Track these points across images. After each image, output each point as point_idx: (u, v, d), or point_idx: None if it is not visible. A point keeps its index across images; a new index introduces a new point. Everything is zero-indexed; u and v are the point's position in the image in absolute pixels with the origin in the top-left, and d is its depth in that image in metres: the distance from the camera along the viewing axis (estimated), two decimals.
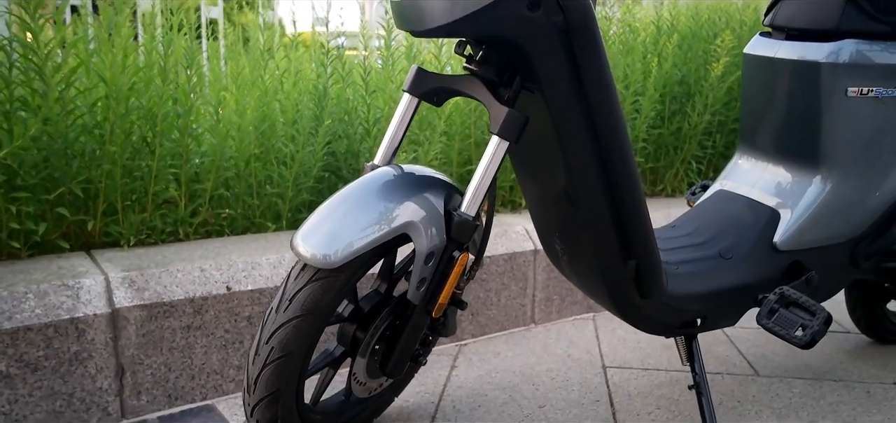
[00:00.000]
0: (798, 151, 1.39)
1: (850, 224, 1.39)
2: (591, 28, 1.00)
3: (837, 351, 1.77)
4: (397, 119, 1.18)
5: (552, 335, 1.89)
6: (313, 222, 1.04)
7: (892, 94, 1.33)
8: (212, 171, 1.78)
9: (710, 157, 2.66)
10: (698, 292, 1.31)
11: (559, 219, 1.27)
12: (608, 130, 1.08)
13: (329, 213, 1.05)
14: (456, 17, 0.99)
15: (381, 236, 1.03)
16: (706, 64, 2.54)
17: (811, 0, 1.37)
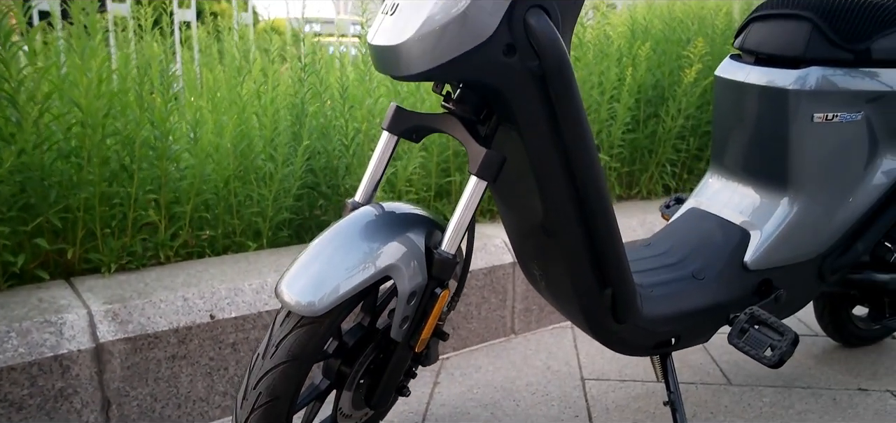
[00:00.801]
0: (767, 172, 1.44)
1: (817, 242, 1.44)
2: (566, 73, 1.02)
3: (806, 356, 1.83)
4: (377, 156, 1.20)
5: (532, 346, 1.93)
6: (297, 267, 1.06)
7: (855, 118, 1.37)
8: (191, 193, 1.78)
9: (684, 159, 2.71)
10: (672, 314, 1.35)
11: (536, 248, 1.30)
12: (583, 167, 1.11)
13: (312, 258, 1.06)
14: (434, 65, 1.00)
15: (364, 281, 1.05)
16: (679, 69, 2.58)
17: (779, 27, 1.40)
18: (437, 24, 0.98)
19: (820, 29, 1.34)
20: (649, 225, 2.26)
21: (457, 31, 0.98)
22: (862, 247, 1.47)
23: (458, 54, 0.99)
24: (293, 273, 1.05)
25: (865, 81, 1.36)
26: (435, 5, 0.99)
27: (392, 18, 1.06)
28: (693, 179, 2.78)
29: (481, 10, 0.98)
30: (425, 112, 1.20)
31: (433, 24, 0.98)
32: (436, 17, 0.98)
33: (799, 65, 1.36)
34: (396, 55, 1.04)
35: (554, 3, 1.02)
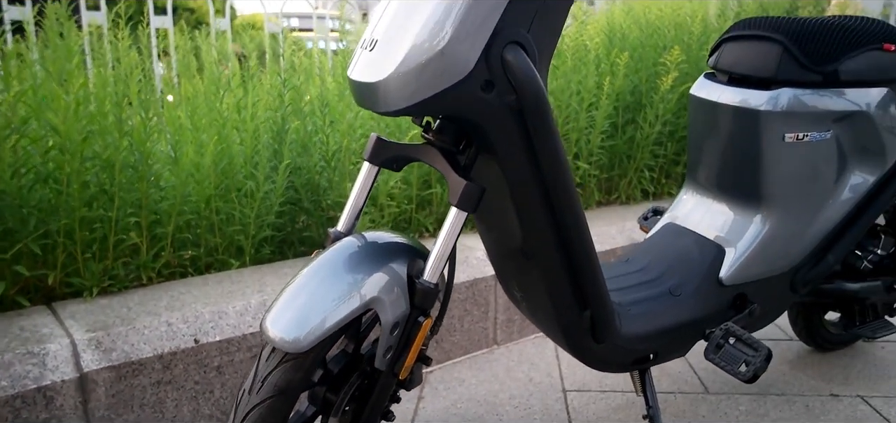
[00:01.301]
0: (740, 190, 1.47)
1: (789, 257, 1.48)
2: (542, 108, 1.04)
3: (781, 362, 1.88)
4: (358, 186, 1.21)
5: (514, 357, 1.96)
6: (281, 303, 1.07)
7: (824, 137, 1.41)
8: (173, 213, 1.78)
9: (662, 164, 2.76)
10: (650, 332, 1.38)
11: (516, 269, 1.33)
12: (560, 195, 1.13)
13: (296, 293, 1.08)
14: (413, 102, 1.02)
15: (348, 316, 1.06)
16: (656, 76, 2.62)
17: (751, 48, 1.44)
18: (415, 61, 1.00)
19: (790, 51, 1.37)
20: (628, 232, 2.30)
21: (435, 69, 1.00)
22: (833, 259, 1.51)
23: (437, 91, 1.01)
24: (278, 309, 1.06)
25: (834, 101, 1.40)
26: (414, 43, 1.00)
27: (371, 54, 1.07)
28: (671, 184, 2.82)
29: (459, 49, 0.99)
30: (406, 142, 1.21)
31: (412, 61, 1.00)
32: (414, 55, 1.00)
33: (770, 86, 1.39)
34: (376, 91, 1.05)
35: (530, 39, 1.04)
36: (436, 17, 0.99)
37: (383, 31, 1.07)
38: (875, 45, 1.42)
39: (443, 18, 0.99)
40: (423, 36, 0.99)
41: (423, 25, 1.00)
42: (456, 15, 0.98)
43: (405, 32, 1.02)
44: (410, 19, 1.03)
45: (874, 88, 1.43)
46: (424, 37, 0.99)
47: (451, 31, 0.98)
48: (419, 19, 1.01)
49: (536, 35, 1.05)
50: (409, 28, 1.02)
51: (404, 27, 1.03)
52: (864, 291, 1.67)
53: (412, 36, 1.01)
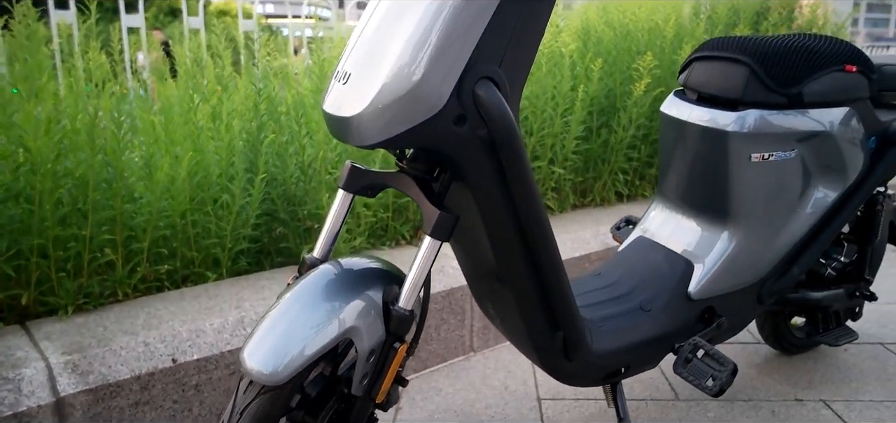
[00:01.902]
0: (708, 205, 1.51)
1: (755, 270, 1.53)
2: (514, 141, 1.06)
3: (749, 366, 1.93)
4: (333, 213, 1.23)
5: (490, 365, 1.99)
6: (259, 336, 1.08)
7: (789, 156, 1.45)
8: (148, 228, 1.78)
9: (636, 166, 2.80)
10: (621, 347, 1.42)
11: (490, 291, 1.35)
12: (532, 224, 1.15)
13: (272, 325, 1.09)
14: (386, 137, 1.03)
15: (325, 346, 1.08)
16: (630, 80, 2.65)
17: (719, 69, 1.47)
18: (389, 98, 1.01)
19: (757, 74, 1.41)
20: (602, 238, 2.34)
21: (409, 105, 1.01)
22: (797, 271, 1.56)
23: (409, 127, 1.02)
24: (255, 341, 1.08)
25: (798, 122, 1.44)
26: (387, 79, 1.01)
27: (344, 87, 1.08)
28: (645, 186, 2.87)
29: (432, 85, 1.01)
30: (380, 170, 1.23)
31: (385, 98, 1.01)
32: (387, 91, 1.01)
33: (737, 106, 1.43)
34: (350, 126, 1.06)
35: (501, 74, 1.06)
36: (408, 52, 1.01)
37: (356, 64, 1.08)
38: (837, 67, 1.46)
39: (415, 54, 1.00)
40: (396, 72, 1.01)
41: (396, 61, 1.01)
42: (428, 51, 1.00)
43: (378, 67, 1.03)
44: (383, 53, 1.04)
45: (836, 107, 1.48)
46: (397, 73, 1.01)
47: (424, 67, 1.00)
48: (392, 54, 1.02)
49: (508, 69, 1.07)
50: (382, 63, 1.03)
51: (377, 61, 1.04)
52: (828, 299, 1.73)
53: (385, 72, 1.02)
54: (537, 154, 2.46)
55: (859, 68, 1.49)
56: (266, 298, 1.77)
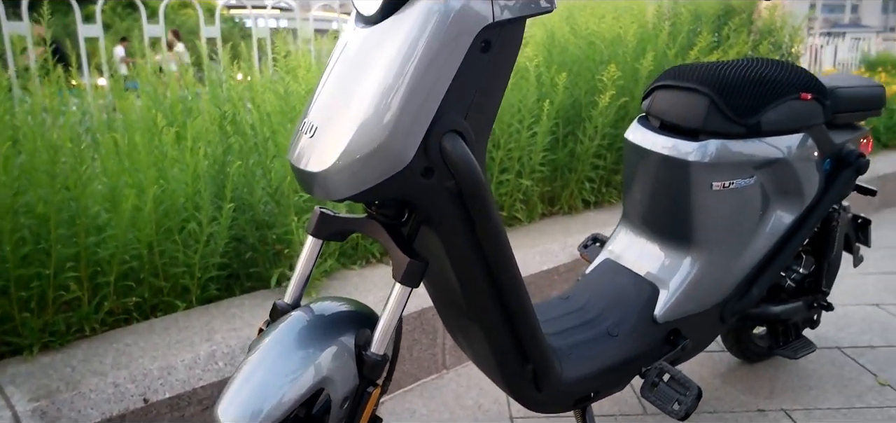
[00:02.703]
0: (671, 231, 1.55)
1: (718, 292, 1.57)
2: (481, 191, 1.08)
3: (713, 375, 1.99)
4: (303, 259, 1.23)
5: (463, 382, 2.01)
6: (232, 390, 1.08)
7: (748, 183, 1.50)
8: (114, 262, 1.75)
9: (602, 174, 2.84)
10: (591, 374, 1.45)
11: (461, 327, 1.37)
12: (501, 269, 1.18)
13: (246, 379, 1.09)
14: (354, 192, 1.04)
15: (300, 398, 1.08)
16: (595, 90, 2.69)
17: (681, 99, 1.50)
18: (356, 154, 1.01)
19: (716, 104, 1.44)
20: (570, 250, 2.37)
21: (376, 161, 1.02)
22: (757, 291, 1.61)
23: (377, 182, 1.03)
24: (229, 397, 1.07)
25: (757, 150, 1.48)
26: (354, 135, 1.02)
27: (311, 141, 1.08)
28: (611, 192, 2.91)
29: (399, 141, 1.01)
30: (349, 215, 1.23)
31: (353, 154, 1.01)
32: (355, 147, 1.01)
33: (698, 136, 1.46)
34: (318, 181, 1.06)
35: (467, 125, 1.07)
36: (375, 108, 1.01)
37: (322, 116, 1.08)
38: (793, 96, 1.51)
39: (382, 110, 1.00)
40: (363, 128, 1.01)
41: (364, 117, 1.01)
42: (395, 107, 1.00)
43: (345, 122, 1.04)
44: (349, 107, 1.04)
45: (793, 134, 1.52)
46: (364, 129, 1.01)
47: (391, 123, 1.00)
48: (359, 109, 1.02)
49: (473, 119, 1.08)
50: (349, 117, 1.03)
51: (343, 116, 1.04)
52: (787, 312, 1.79)
53: (352, 127, 1.02)
54: (505, 167, 2.49)
55: (814, 96, 1.54)
56: (237, 328, 1.76)
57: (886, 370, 2.01)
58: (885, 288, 2.66)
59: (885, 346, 2.16)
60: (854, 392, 1.89)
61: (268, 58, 4.50)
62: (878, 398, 1.87)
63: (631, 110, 2.80)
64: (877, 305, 2.49)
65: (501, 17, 1.04)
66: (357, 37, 1.10)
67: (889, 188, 3.89)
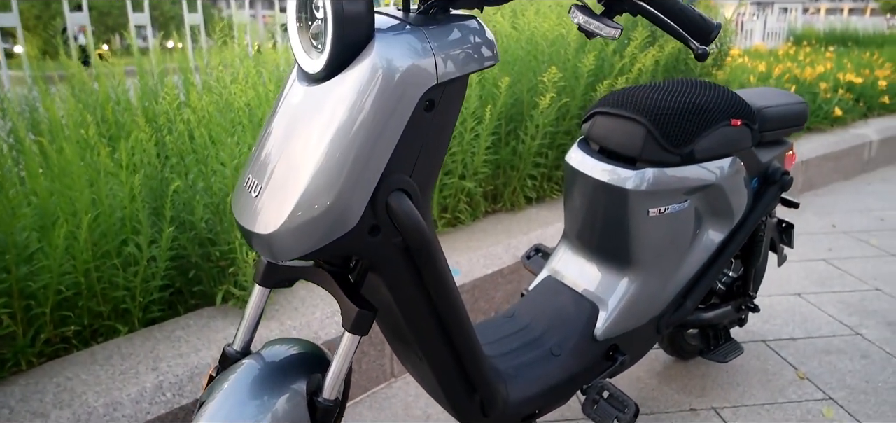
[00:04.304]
0: (610, 253, 1.61)
1: (654, 308, 1.65)
2: (428, 246, 1.10)
3: (650, 375, 2.09)
4: (252, 307, 1.23)
5: (411, 391, 2.05)
6: None
7: (682, 207, 1.57)
8: (49, 292, 1.70)
9: (544, 172, 2.89)
10: (536, 394, 1.51)
11: (410, 359, 1.40)
12: (448, 313, 1.21)
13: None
14: (302, 253, 1.05)
15: None
16: (536, 91, 2.72)
17: (619, 126, 1.55)
18: (303, 217, 1.02)
19: (653, 134, 1.50)
20: (513, 251, 2.43)
21: (323, 224, 1.02)
22: (691, 304, 1.70)
23: (325, 244, 1.04)
24: None
25: (690, 176, 1.55)
26: (300, 199, 1.01)
27: (255, 200, 1.07)
28: (552, 188, 2.97)
29: (346, 203, 1.02)
30: (295, 264, 1.23)
31: (299, 217, 1.02)
32: (301, 210, 1.01)
33: (636, 163, 1.52)
34: (265, 242, 1.06)
35: (413, 182, 1.08)
36: (321, 169, 1.00)
37: (266, 176, 1.07)
38: (724, 122, 1.58)
39: (328, 172, 1.00)
40: (310, 191, 1.01)
41: (309, 179, 1.01)
42: (342, 170, 1.00)
43: (290, 183, 1.03)
44: (294, 169, 1.04)
45: (723, 158, 1.60)
46: (311, 191, 1.01)
47: (338, 186, 1.01)
48: (304, 171, 1.02)
49: (419, 176, 1.09)
50: (294, 180, 1.03)
51: (288, 177, 1.04)
52: (718, 317, 1.89)
53: (297, 190, 1.01)
54: (448, 170, 2.51)
55: (743, 121, 1.61)
56: (183, 353, 1.74)
57: (805, 363, 2.15)
58: (806, 276, 2.83)
59: (804, 338, 2.31)
60: (777, 387, 2.03)
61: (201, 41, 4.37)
62: (798, 391, 2.01)
63: (572, 109, 2.85)
64: (798, 294, 2.65)
65: (445, 78, 1.05)
66: (300, 93, 1.09)
67: (811, 172, 4.10)
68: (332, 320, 1.94)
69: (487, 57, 1.10)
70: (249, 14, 5.12)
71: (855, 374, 2.09)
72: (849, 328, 2.37)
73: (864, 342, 2.27)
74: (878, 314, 2.48)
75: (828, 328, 2.37)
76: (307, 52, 1.07)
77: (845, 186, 4.32)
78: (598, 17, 1.07)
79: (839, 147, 4.34)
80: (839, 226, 3.51)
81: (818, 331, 2.36)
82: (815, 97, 4.82)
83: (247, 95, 2.16)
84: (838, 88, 5.19)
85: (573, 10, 1.09)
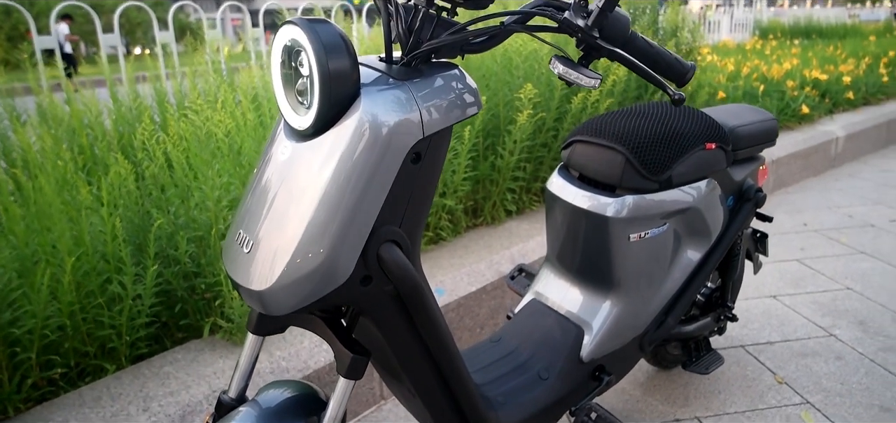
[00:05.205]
0: (593, 277, 1.65)
1: (637, 328, 1.69)
2: (419, 294, 1.12)
3: (634, 386, 2.14)
4: (246, 355, 1.24)
5: (401, 413, 2.07)
6: None
7: (661, 230, 1.61)
8: (34, 336, 1.69)
9: (523, 184, 2.93)
10: (525, 418, 1.54)
11: (403, 394, 1.42)
12: (439, 352, 1.23)
13: None
14: (296, 308, 1.06)
15: None
16: (513, 108, 2.76)
17: (598, 154, 1.59)
18: (296, 274, 1.03)
19: (631, 163, 1.54)
20: (496, 267, 2.46)
21: (317, 279, 1.04)
22: (672, 321, 1.74)
23: (318, 297, 1.06)
24: None
25: (668, 200, 1.59)
26: (293, 255, 1.03)
27: (248, 256, 1.08)
28: (531, 199, 3.01)
29: (337, 259, 1.04)
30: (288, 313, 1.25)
31: (293, 274, 1.03)
32: (295, 267, 1.03)
33: (615, 191, 1.56)
34: (259, 298, 1.08)
35: (402, 232, 1.10)
36: (314, 226, 1.02)
37: (257, 232, 1.08)
38: (700, 147, 1.62)
39: (320, 229, 1.02)
40: (303, 248, 1.02)
41: (302, 236, 1.02)
42: (333, 226, 1.02)
43: (283, 241, 1.04)
44: (286, 225, 1.04)
45: (700, 181, 1.64)
46: (303, 248, 1.02)
47: (330, 243, 1.02)
48: (296, 228, 1.03)
49: (407, 225, 1.12)
50: (287, 237, 1.04)
51: (280, 234, 1.05)
52: (698, 329, 1.94)
53: (290, 247, 1.03)
54: None
55: (718, 144, 1.66)
56: (173, 390, 1.74)
57: (783, 367, 2.22)
58: (780, 277, 2.91)
59: (781, 341, 2.38)
60: (756, 393, 2.09)
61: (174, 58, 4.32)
62: (777, 396, 2.07)
63: (548, 122, 2.89)
64: (774, 296, 2.72)
65: (431, 130, 1.07)
66: (288, 150, 1.10)
67: (782, 171, 4.20)
68: (319, 348, 1.96)
69: (470, 104, 1.12)
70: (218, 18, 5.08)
71: (830, 376, 2.16)
72: (823, 330, 2.45)
73: (837, 344, 2.35)
74: (849, 314, 2.56)
75: (803, 330, 2.45)
76: (294, 109, 1.08)
77: (815, 182, 4.43)
78: (578, 68, 1.11)
79: (808, 145, 4.45)
80: (810, 224, 3.60)
81: (794, 334, 2.43)
82: (783, 96, 4.93)
83: (226, 125, 2.16)
84: (805, 85, 5.32)
85: (553, 60, 1.12)
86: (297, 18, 1.04)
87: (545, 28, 1.14)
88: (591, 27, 1.11)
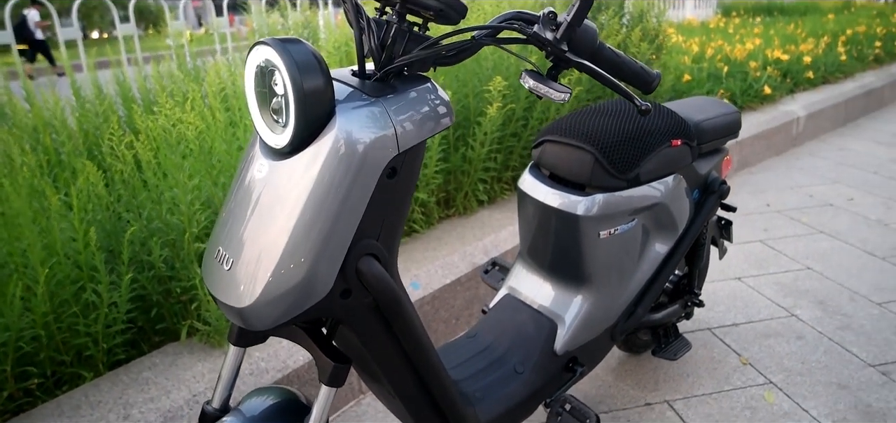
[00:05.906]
0: (565, 272, 1.69)
1: (608, 319, 1.75)
2: (398, 305, 1.15)
3: (607, 373, 2.20)
4: (228, 366, 1.26)
5: (380, 409, 2.11)
6: None
7: (630, 226, 1.66)
8: (9, 349, 1.68)
9: (494, 175, 2.97)
10: (503, 412, 1.59)
11: (384, 395, 1.46)
12: (418, 356, 1.27)
13: None
14: (277, 322, 1.08)
15: None
16: (483, 100, 2.78)
17: (568, 154, 1.63)
18: (277, 291, 1.05)
19: (600, 163, 1.58)
20: (469, 259, 2.50)
21: (297, 294, 1.06)
22: (642, 311, 1.80)
23: (299, 312, 1.08)
24: None
25: (636, 196, 1.64)
26: (274, 273, 1.04)
27: (228, 273, 1.10)
28: (503, 188, 3.05)
29: (317, 275, 1.06)
30: None
31: (274, 291, 1.05)
32: (275, 284, 1.04)
33: (585, 189, 1.60)
34: (240, 315, 1.09)
35: (379, 246, 1.13)
36: (293, 244, 1.03)
37: (237, 249, 1.09)
38: (665, 144, 1.67)
39: (300, 246, 1.03)
40: (283, 265, 1.04)
41: (282, 254, 1.04)
42: (312, 243, 1.04)
43: (263, 258, 1.06)
44: (266, 243, 1.06)
45: (667, 177, 1.70)
46: (284, 265, 1.04)
47: (309, 260, 1.04)
48: (276, 246, 1.05)
49: (385, 238, 1.14)
50: (267, 255, 1.05)
51: (260, 251, 1.06)
52: (666, 316, 2.01)
53: (270, 265, 1.04)
54: None
55: (683, 141, 1.71)
56: (153, 396, 1.75)
57: (748, 349, 2.31)
58: (745, 259, 3.00)
59: (745, 322, 2.47)
60: (722, 374, 2.17)
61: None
62: (741, 377, 2.15)
63: (517, 112, 2.93)
64: (739, 278, 2.81)
65: (406, 145, 1.10)
66: (265, 168, 1.11)
67: (746, 151, 4.31)
68: (298, 348, 1.98)
69: (444, 116, 1.15)
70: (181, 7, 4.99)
71: (791, 356, 2.25)
72: (785, 310, 2.54)
73: (798, 324, 2.45)
74: (809, 294, 2.66)
75: (766, 312, 2.54)
76: (270, 127, 1.09)
77: (777, 162, 4.55)
78: (547, 82, 1.14)
79: (770, 125, 4.56)
80: (773, 204, 3.71)
81: (758, 315, 2.52)
82: (747, 76, 5.04)
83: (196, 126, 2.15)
84: (767, 65, 5.43)
85: (523, 75, 1.15)
86: (269, 39, 1.05)
87: (515, 40, 1.16)
88: (559, 40, 1.14)
